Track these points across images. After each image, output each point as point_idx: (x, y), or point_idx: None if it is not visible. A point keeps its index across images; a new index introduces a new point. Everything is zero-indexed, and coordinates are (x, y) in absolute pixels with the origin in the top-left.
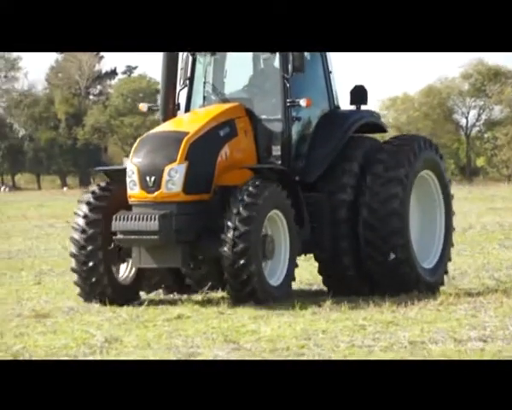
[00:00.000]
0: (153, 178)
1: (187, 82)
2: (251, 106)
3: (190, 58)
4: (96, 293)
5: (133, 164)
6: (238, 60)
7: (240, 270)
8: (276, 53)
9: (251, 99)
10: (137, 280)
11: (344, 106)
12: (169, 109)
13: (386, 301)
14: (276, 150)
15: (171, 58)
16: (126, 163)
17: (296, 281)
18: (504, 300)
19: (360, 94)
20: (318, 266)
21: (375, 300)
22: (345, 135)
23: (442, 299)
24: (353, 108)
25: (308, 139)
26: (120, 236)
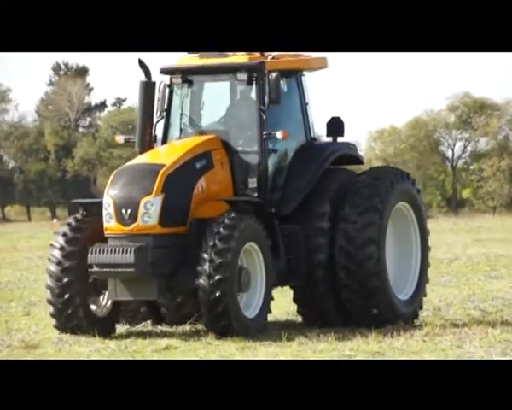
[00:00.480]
0: (129, 210)
1: (164, 114)
2: (227, 138)
3: (167, 89)
4: (72, 325)
5: (109, 196)
6: (215, 91)
7: (215, 302)
8: (253, 84)
9: (227, 131)
10: (113, 312)
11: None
12: (146, 141)
13: (372, 331)
14: (253, 182)
15: (147, 89)
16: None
17: (283, 312)
18: (490, 330)
19: (337, 126)
20: (293, 295)
21: (362, 330)
22: (321, 167)
23: (428, 330)
24: (330, 140)
25: (284, 171)
26: (96, 268)
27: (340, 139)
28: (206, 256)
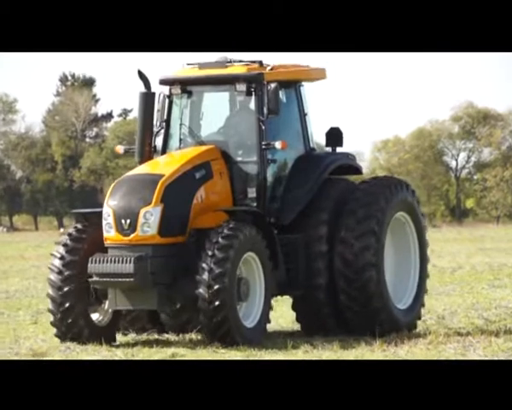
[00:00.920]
0: (128, 220)
1: (163, 124)
2: (227, 148)
3: (167, 100)
4: (73, 333)
5: (109, 207)
6: (214, 102)
7: (215, 311)
8: (252, 95)
9: (227, 141)
10: (114, 321)
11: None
12: (145, 152)
13: (376, 340)
14: (252, 192)
15: (147, 100)
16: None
17: (288, 321)
18: (493, 339)
19: (335, 136)
20: (292, 303)
21: (366, 339)
22: (320, 177)
23: (432, 338)
24: (328, 150)
25: (283, 181)
26: (96, 278)
27: (340, 149)
28: (205, 266)
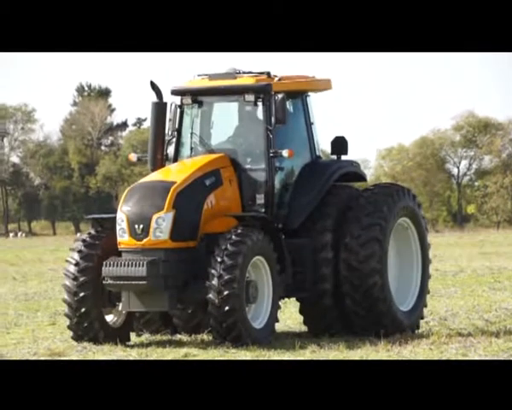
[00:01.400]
0: (141, 226)
1: (175, 133)
2: (236, 156)
3: (178, 110)
4: (89, 337)
5: (122, 212)
6: (224, 111)
7: (225, 316)
8: (260, 105)
9: (236, 150)
10: (127, 322)
11: (353, 153)
12: (157, 160)
13: (381, 340)
14: (260, 199)
15: (159, 110)
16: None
17: (296, 322)
18: (493, 340)
19: (340, 144)
20: (299, 307)
21: (371, 339)
22: (326, 184)
23: (434, 338)
24: (334, 158)
25: (290, 188)
26: (110, 281)
27: (345, 157)
28: (214, 272)
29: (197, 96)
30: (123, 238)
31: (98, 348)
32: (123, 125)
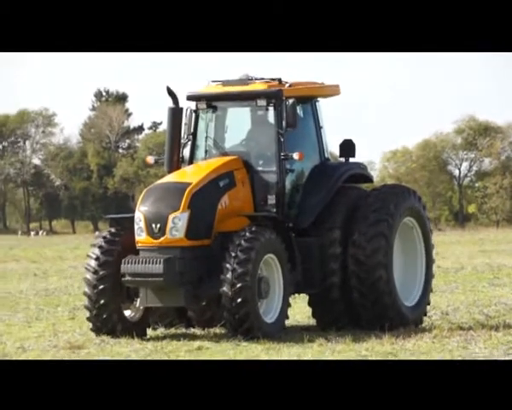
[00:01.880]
0: (158, 225)
1: (190, 137)
2: (248, 159)
3: (193, 114)
4: (107, 328)
5: (140, 212)
6: (237, 116)
7: (237, 307)
8: (272, 110)
9: (248, 152)
10: (145, 318)
11: (359, 155)
12: (173, 162)
13: (386, 333)
14: (272, 199)
15: (175, 114)
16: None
17: (305, 316)
18: (493, 333)
19: (348, 147)
20: (308, 300)
21: (376, 333)
22: (334, 185)
23: (436, 332)
24: (342, 161)
25: (300, 189)
26: (129, 277)
27: (352, 160)
28: (228, 266)
29: (211, 101)
30: (141, 237)
31: (116, 341)
32: (139, 128)
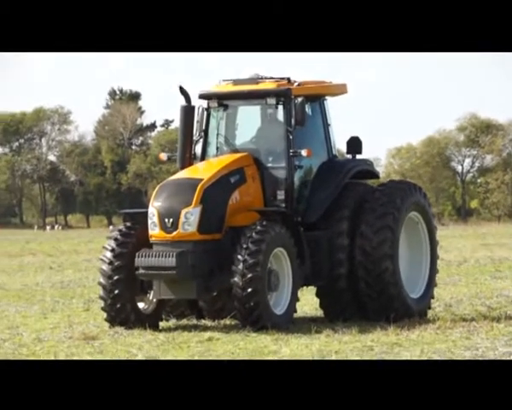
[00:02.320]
0: (171, 219)
1: (202, 134)
2: (258, 155)
3: (205, 113)
4: (121, 318)
5: (154, 207)
6: (247, 114)
7: (248, 297)
8: (281, 108)
9: (258, 149)
10: (158, 310)
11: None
12: (186, 158)
13: (390, 325)
14: (281, 195)
15: (187, 112)
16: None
17: (312, 308)
18: (495, 324)
19: (355, 144)
20: (316, 291)
21: (381, 324)
22: (342, 180)
23: (440, 323)
24: (349, 157)
25: (309, 185)
26: (142, 271)
27: (359, 156)
28: (239, 257)
29: (223, 99)
30: (154, 231)
31: (129, 333)
32: (152, 126)
